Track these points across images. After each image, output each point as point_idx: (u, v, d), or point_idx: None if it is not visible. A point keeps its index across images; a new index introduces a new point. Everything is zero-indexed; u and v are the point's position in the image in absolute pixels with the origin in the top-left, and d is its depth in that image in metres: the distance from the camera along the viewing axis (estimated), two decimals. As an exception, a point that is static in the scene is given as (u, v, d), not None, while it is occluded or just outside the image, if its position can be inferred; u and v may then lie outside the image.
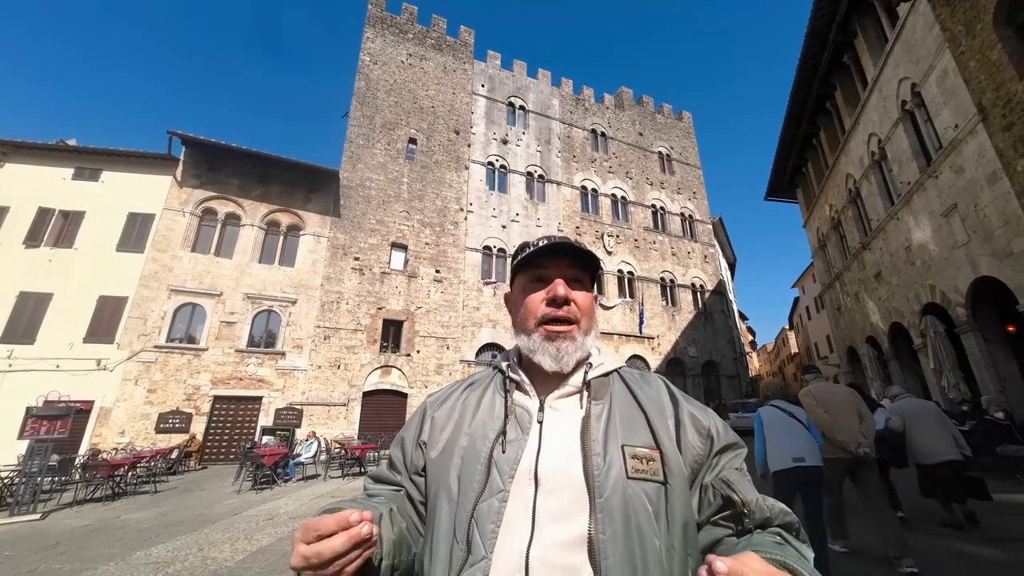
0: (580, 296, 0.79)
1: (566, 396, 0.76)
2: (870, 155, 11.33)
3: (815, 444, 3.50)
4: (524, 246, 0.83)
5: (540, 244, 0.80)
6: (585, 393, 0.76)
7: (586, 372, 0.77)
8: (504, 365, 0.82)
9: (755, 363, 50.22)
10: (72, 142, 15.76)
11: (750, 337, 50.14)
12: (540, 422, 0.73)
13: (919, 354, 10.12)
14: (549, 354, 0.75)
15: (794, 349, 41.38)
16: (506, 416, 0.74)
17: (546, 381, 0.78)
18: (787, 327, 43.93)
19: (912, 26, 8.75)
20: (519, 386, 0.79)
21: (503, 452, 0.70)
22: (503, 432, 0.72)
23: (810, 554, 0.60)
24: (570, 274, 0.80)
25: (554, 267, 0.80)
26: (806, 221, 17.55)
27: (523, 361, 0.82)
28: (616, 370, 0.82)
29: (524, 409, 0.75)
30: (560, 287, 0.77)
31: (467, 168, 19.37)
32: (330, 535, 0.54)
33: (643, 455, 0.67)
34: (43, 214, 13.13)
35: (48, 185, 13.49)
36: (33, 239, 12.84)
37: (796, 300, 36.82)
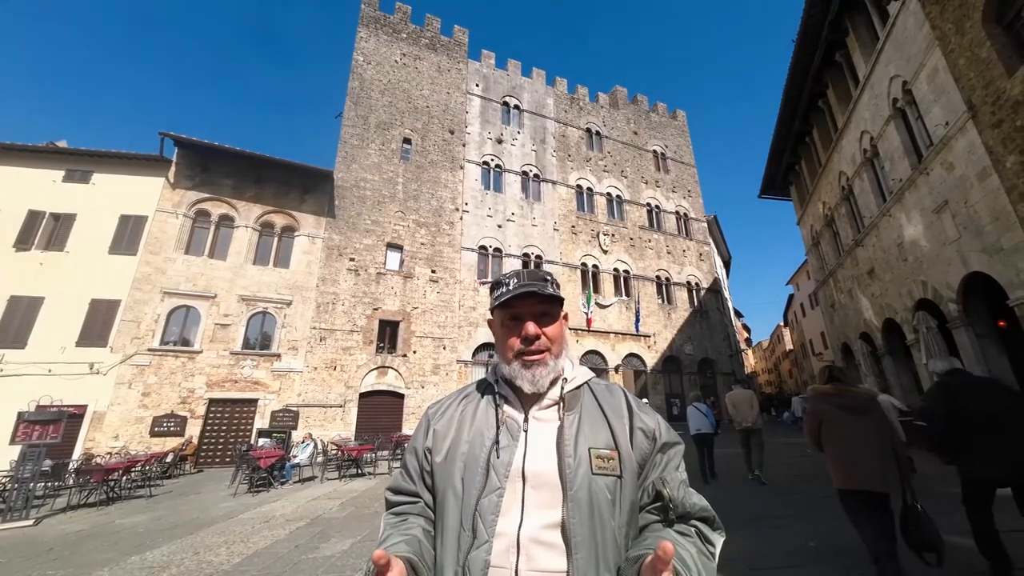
0: (549, 328, 0.93)
1: (545, 408, 0.92)
2: (862, 152, 11.41)
3: (709, 422, 7.39)
4: (497, 284, 0.97)
5: (511, 285, 0.93)
6: (561, 405, 0.91)
7: (562, 387, 0.93)
8: (494, 381, 0.98)
9: (751, 360, 50.49)
10: (62, 144, 15.63)
11: (745, 334, 50.40)
12: (525, 431, 0.89)
13: (912, 349, 10.22)
14: (527, 379, 0.90)
15: (789, 346, 41.65)
16: (498, 427, 0.89)
17: (528, 396, 0.92)
18: (782, 324, 44.23)
19: (903, 24, 8.82)
20: (507, 400, 0.94)
21: (498, 457, 0.85)
22: (497, 441, 0.87)
23: (717, 539, 0.81)
24: (539, 310, 0.93)
25: (524, 306, 0.93)
26: (800, 218, 17.66)
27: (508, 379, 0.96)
28: (587, 382, 0.97)
29: (513, 420, 0.90)
30: (531, 327, 0.91)
31: (462, 168, 19.34)
32: None
33: (605, 455, 0.84)
34: (33, 217, 12.99)
35: (38, 187, 13.34)
36: (23, 242, 12.70)
37: (791, 297, 37.08)
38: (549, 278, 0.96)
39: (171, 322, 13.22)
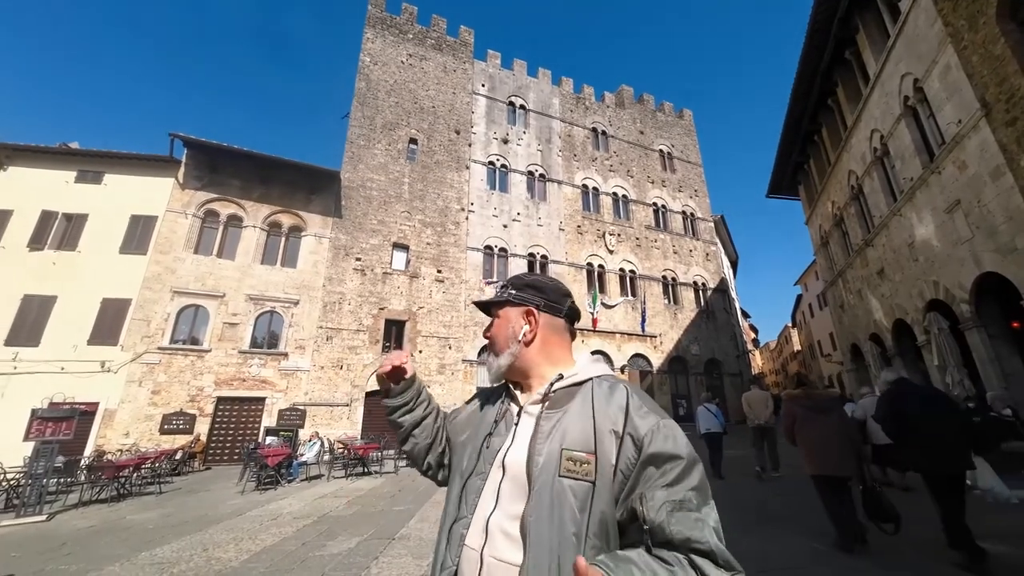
0: (492, 329, 1.05)
1: (535, 404, 0.93)
2: (872, 151, 11.28)
3: (718, 422, 7.66)
4: None
5: None
6: (545, 401, 0.92)
7: (551, 384, 0.93)
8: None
9: (758, 361, 50.10)
10: (75, 145, 15.85)
11: (752, 335, 50.00)
12: (516, 424, 0.93)
13: (923, 351, 10.08)
14: (486, 368, 1.06)
15: (797, 347, 41.27)
16: (495, 419, 0.97)
17: (526, 391, 0.98)
18: (790, 324, 43.81)
19: (914, 21, 8.70)
20: (511, 395, 1.00)
21: (487, 446, 0.93)
22: (491, 431, 0.95)
23: None
24: (493, 314, 1.07)
25: (486, 313, 1.11)
26: (808, 218, 17.48)
27: None
28: (591, 379, 0.93)
29: (512, 413, 0.96)
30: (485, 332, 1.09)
31: (468, 168, 19.37)
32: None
33: (579, 458, 0.80)
34: (47, 217, 13.21)
35: (51, 188, 13.57)
36: (37, 242, 12.92)
37: (799, 297, 36.71)
38: (508, 284, 1.07)
39: (180, 321, 13.38)
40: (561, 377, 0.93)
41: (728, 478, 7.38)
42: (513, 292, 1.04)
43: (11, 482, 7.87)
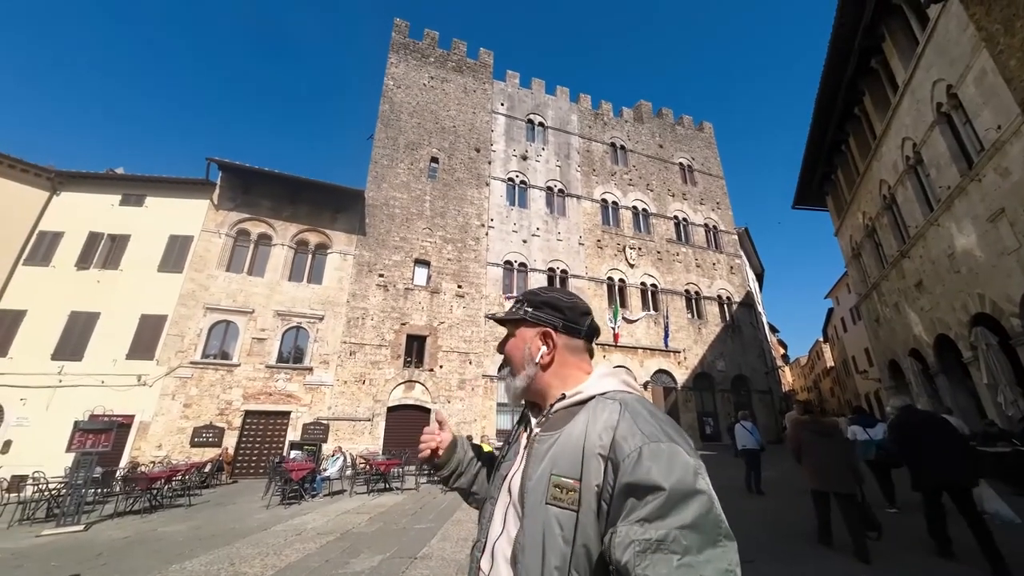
0: (507, 346, 0.99)
1: (540, 425, 0.90)
2: (904, 160, 10.91)
3: (755, 440, 7.88)
4: None
5: None
6: (542, 422, 0.89)
7: (551, 405, 0.89)
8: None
9: (788, 377, 48.12)
10: (120, 170, 16.90)
11: (781, 350, 48.17)
12: (524, 446, 0.90)
13: (970, 368, 9.49)
14: (504, 387, 1.01)
15: (830, 363, 39.52)
16: (509, 442, 0.99)
17: (538, 413, 0.94)
18: (821, 339, 42.06)
19: (944, 27, 8.48)
20: (527, 416, 0.98)
21: (498, 469, 0.95)
22: (504, 455, 0.97)
23: None
24: (507, 332, 1.01)
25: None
26: (838, 229, 16.94)
27: None
28: (595, 396, 0.84)
29: (522, 435, 0.94)
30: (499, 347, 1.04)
31: (488, 185, 19.66)
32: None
33: (566, 485, 0.74)
34: (93, 238, 14.05)
35: (98, 211, 14.47)
36: (84, 262, 13.73)
37: (830, 311, 35.30)
38: (523, 300, 1.01)
39: (212, 336, 13.86)
40: (564, 397, 0.87)
41: (769, 496, 7.40)
42: (529, 310, 0.97)
43: (52, 492, 8.20)
